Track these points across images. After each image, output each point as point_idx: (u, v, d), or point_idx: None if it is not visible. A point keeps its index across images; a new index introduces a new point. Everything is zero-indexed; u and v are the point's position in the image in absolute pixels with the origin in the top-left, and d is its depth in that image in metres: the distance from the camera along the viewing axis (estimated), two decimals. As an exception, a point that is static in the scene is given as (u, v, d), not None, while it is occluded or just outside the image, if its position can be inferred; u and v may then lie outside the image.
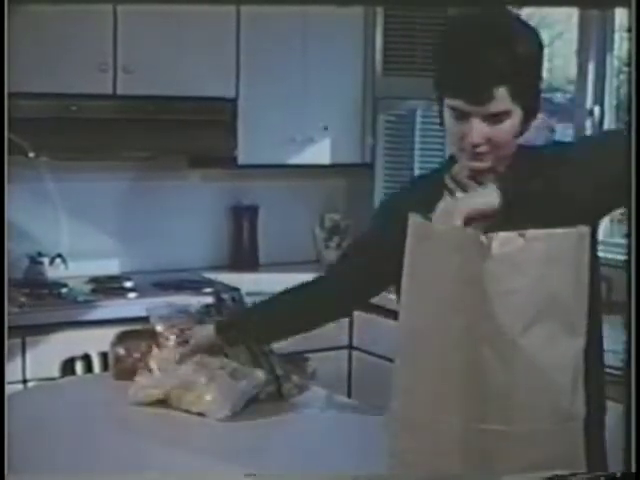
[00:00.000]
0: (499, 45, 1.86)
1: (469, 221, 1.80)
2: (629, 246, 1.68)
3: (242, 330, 2.53)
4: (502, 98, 1.87)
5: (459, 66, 1.88)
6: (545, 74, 2.10)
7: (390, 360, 2.20)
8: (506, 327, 1.79)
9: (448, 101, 1.93)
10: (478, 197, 1.85)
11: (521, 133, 1.96)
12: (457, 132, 1.93)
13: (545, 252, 1.79)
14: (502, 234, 1.78)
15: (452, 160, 2.09)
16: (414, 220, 1.85)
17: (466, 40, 1.90)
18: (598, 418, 1.98)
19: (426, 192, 2.04)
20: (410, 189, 2.28)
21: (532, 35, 1.95)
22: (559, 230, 1.80)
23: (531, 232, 1.79)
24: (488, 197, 1.83)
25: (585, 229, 1.80)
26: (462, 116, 1.91)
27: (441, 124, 2.01)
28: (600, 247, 3.88)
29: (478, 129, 1.90)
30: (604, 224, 4.17)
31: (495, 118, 1.89)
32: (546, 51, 2.02)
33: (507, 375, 1.79)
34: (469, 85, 1.87)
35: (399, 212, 1.92)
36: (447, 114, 1.95)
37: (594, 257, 1.95)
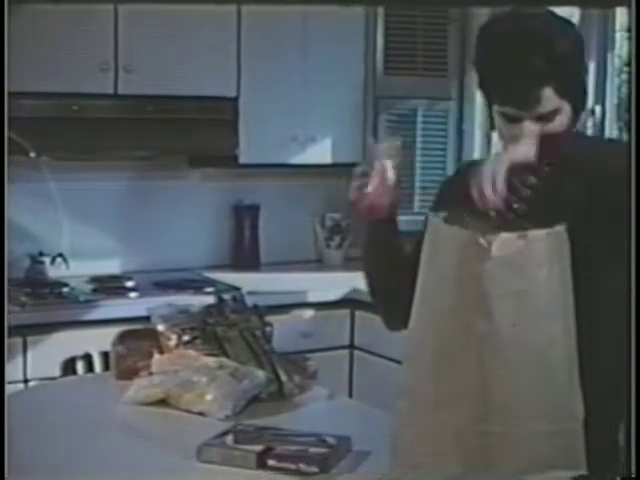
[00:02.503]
0: (538, 46, 1.85)
1: (512, 172, 1.79)
2: (629, 246, 1.67)
3: None
4: (549, 98, 1.87)
5: (502, 73, 1.88)
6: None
7: (391, 360, 2.20)
8: (506, 328, 1.79)
9: (497, 107, 1.93)
10: (517, 150, 1.83)
11: (573, 124, 1.95)
12: (509, 134, 1.93)
13: (545, 252, 1.80)
14: (502, 235, 1.79)
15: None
16: (430, 217, 1.87)
17: (504, 45, 1.88)
18: (611, 419, 1.97)
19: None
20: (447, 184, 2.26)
21: (569, 29, 1.95)
22: (557, 228, 1.81)
23: (532, 233, 1.79)
24: (526, 149, 1.82)
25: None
26: (513, 119, 1.91)
27: (492, 127, 2.00)
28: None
29: (530, 130, 1.89)
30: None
31: (545, 117, 1.89)
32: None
33: (507, 376, 1.80)
34: (515, 91, 1.87)
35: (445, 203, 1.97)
36: (498, 118, 1.95)
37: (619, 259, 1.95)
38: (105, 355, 3.10)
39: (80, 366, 3.27)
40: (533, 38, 1.87)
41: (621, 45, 4.15)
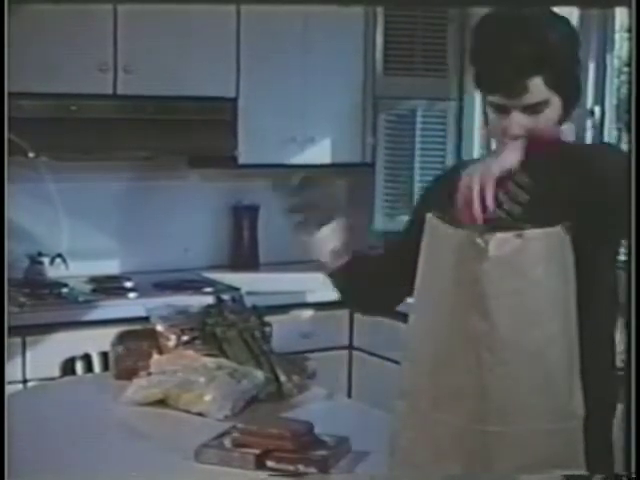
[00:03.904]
0: (527, 37, 1.87)
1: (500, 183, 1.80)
2: (629, 246, 1.68)
3: None
4: (537, 88, 1.88)
5: (491, 62, 1.89)
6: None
7: (390, 360, 2.20)
8: (504, 328, 1.79)
9: (488, 97, 1.94)
10: (500, 159, 1.84)
11: (563, 120, 1.95)
12: (499, 126, 1.94)
13: (543, 252, 1.80)
14: (499, 235, 1.79)
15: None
16: (428, 218, 1.87)
17: (496, 36, 1.90)
18: (606, 418, 1.97)
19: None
20: (440, 183, 2.26)
21: (562, 23, 1.96)
22: (555, 228, 1.81)
23: (529, 232, 1.79)
24: (512, 156, 1.83)
25: (567, 225, 1.82)
26: (502, 110, 1.92)
27: (485, 120, 2.01)
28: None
29: (518, 121, 1.91)
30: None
31: (533, 109, 1.90)
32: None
33: (505, 376, 1.80)
34: (502, 79, 1.88)
35: (428, 208, 1.97)
36: (489, 110, 1.96)
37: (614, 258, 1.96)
38: (104, 355, 3.11)
39: (79, 366, 3.27)
40: (524, 27, 1.89)
41: (621, 46, 4.15)
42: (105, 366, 3.09)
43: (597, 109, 4.22)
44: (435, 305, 1.87)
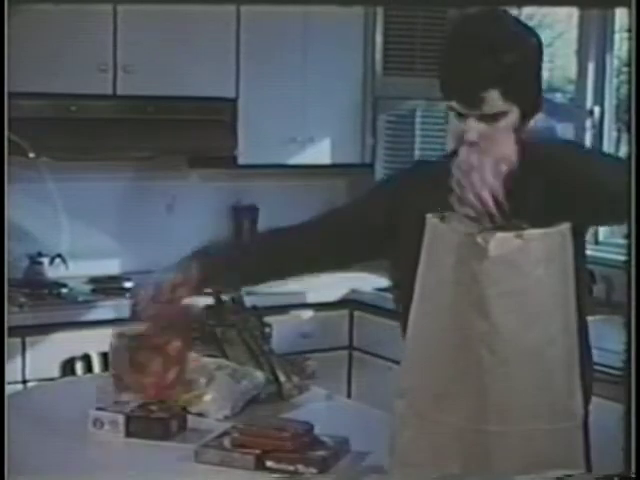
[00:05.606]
0: (489, 50, 1.89)
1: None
2: (629, 246, 1.68)
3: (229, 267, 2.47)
4: (494, 100, 1.90)
5: (453, 70, 1.94)
6: (545, 74, 2.12)
7: (390, 360, 2.20)
8: (504, 328, 1.79)
9: (447, 102, 1.97)
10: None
11: (521, 128, 1.97)
12: (457, 130, 1.96)
13: (542, 252, 1.80)
14: (499, 235, 1.79)
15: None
16: (428, 219, 1.87)
17: (460, 44, 1.94)
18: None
19: (431, 177, 2.04)
20: (413, 172, 2.27)
21: (527, 37, 1.98)
22: (554, 229, 1.81)
23: (528, 232, 1.80)
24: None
25: (567, 225, 1.82)
26: (460, 115, 1.93)
27: (446, 122, 2.03)
28: (600, 247, 3.89)
29: (474, 128, 1.92)
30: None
31: (490, 117, 1.91)
32: (546, 51, 2.04)
33: (505, 376, 1.80)
34: (460, 88, 1.92)
35: (402, 193, 2.04)
36: (451, 114, 1.98)
37: (582, 255, 1.97)
38: (104, 356, 3.10)
39: (79, 366, 3.28)
40: (486, 41, 1.92)
41: (620, 46, 4.15)
42: (105, 366, 3.09)
43: (597, 109, 4.22)
44: (435, 304, 1.87)
